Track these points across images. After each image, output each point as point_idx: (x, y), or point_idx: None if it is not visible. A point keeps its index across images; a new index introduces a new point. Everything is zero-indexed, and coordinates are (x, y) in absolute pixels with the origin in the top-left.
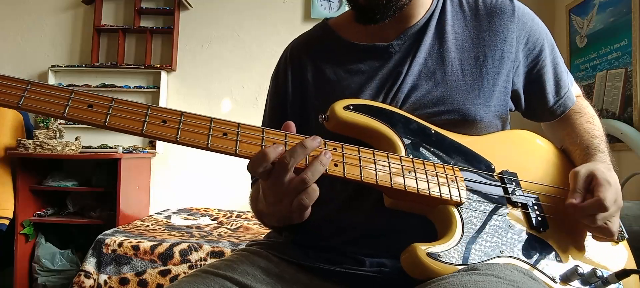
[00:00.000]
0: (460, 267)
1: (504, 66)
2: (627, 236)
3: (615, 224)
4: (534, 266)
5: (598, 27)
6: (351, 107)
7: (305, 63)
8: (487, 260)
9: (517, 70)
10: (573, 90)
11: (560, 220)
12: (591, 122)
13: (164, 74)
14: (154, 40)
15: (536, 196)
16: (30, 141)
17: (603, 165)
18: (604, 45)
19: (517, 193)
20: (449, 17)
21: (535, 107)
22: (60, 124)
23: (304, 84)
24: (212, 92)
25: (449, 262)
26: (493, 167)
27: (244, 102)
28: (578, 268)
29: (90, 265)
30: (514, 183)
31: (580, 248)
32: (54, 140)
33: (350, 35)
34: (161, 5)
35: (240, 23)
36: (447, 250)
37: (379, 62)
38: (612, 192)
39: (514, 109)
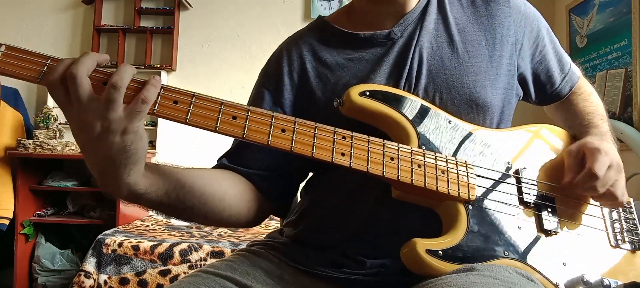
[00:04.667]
0: (458, 266)
1: (505, 49)
2: None
3: (619, 188)
4: (537, 270)
5: (598, 27)
6: (367, 93)
7: (304, 54)
8: (489, 260)
9: (520, 52)
10: (575, 67)
11: (573, 224)
12: (587, 100)
13: (164, 74)
14: (154, 40)
15: (552, 197)
16: (30, 141)
17: (595, 137)
18: (604, 45)
19: (531, 194)
20: (447, 3)
21: (544, 88)
22: (60, 123)
23: (303, 73)
24: (212, 92)
25: (448, 260)
26: (509, 164)
27: (244, 101)
28: (584, 276)
29: (90, 265)
30: (529, 183)
31: (590, 255)
32: (54, 140)
33: (347, 27)
34: (161, 5)
35: (240, 23)
36: (447, 248)
37: (382, 49)
38: (602, 157)
39: (522, 96)
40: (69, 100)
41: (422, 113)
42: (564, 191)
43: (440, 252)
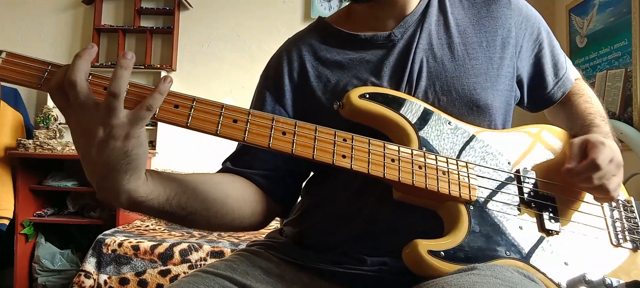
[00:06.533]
0: (460, 267)
1: (506, 51)
2: None
3: (613, 183)
4: (539, 270)
5: (598, 27)
6: (367, 96)
7: (303, 55)
8: (491, 260)
9: (519, 55)
10: (571, 72)
11: (574, 223)
12: (588, 102)
13: (164, 74)
14: (154, 40)
15: (552, 197)
16: (30, 141)
17: (598, 134)
18: (604, 45)
19: (532, 194)
20: (448, 4)
21: (536, 92)
22: (60, 123)
23: (303, 74)
24: (212, 92)
25: (450, 260)
26: (510, 164)
27: (244, 102)
28: (586, 275)
29: (90, 265)
30: (530, 183)
31: (592, 254)
32: (54, 140)
33: (348, 28)
34: (161, 5)
35: (240, 23)
36: (449, 249)
37: (382, 51)
38: (606, 151)
39: (519, 97)
40: (70, 106)
41: (423, 115)
42: (563, 179)
43: (442, 252)
